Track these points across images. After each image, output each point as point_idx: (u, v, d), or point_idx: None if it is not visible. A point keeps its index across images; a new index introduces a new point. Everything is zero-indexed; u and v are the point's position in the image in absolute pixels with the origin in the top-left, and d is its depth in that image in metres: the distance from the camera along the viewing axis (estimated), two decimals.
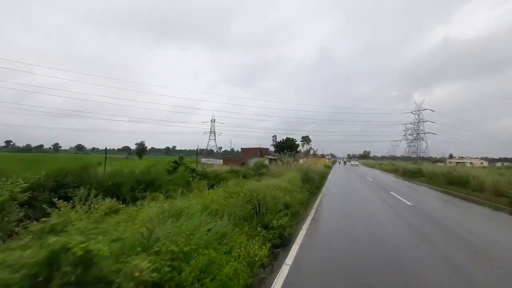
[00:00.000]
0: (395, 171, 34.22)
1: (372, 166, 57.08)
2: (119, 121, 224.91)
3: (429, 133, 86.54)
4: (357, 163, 73.67)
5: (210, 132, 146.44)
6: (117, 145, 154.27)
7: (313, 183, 14.66)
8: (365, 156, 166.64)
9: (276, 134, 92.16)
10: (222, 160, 67.98)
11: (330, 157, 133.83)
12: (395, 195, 13.45)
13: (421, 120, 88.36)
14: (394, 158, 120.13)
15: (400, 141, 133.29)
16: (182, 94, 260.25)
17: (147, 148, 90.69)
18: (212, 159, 73.06)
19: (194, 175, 13.74)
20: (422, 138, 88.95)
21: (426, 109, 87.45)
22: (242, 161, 63.38)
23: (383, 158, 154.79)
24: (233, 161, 63.79)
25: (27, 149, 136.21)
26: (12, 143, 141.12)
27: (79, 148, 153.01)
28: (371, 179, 22.74)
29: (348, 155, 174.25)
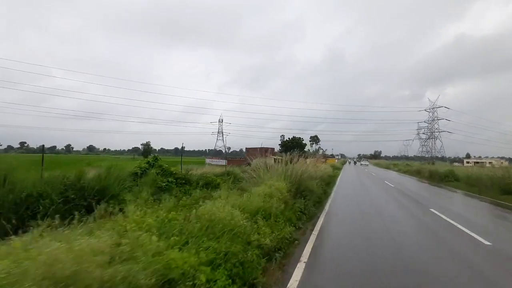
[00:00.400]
0: (417, 174, 28.55)
1: (387, 167, 50.94)
2: (131, 121, 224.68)
3: (444, 131, 79.45)
4: (366, 163, 68.47)
5: (218, 132, 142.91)
6: (127, 146, 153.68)
7: (311, 196, 9.73)
8: (376, 156, 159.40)
9: (284, 134, 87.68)
10: (226, 161, 63.72)
11: (339, 157, 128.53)
12: (451, 222, 7.49)
13: (435, 118, 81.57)
14: (406, 158, 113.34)
15: (413, 140, 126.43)
16: (192, 96, 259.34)
17: (155, 149, 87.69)
18: (216, 160, 68.58)
19: (170, 180, 11.42)
20: (437, 137, 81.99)
21: (441, 107, 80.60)
22: (246, 161, 59.45)
23: (394, 158, 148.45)
24: (237, 161, 60.18)
25: (40, 150, 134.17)
26: (26, 144, 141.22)
27: (91, 149, 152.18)
28: (391, 185, 17.41)
29: (359, 155, 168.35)
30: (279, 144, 55.16)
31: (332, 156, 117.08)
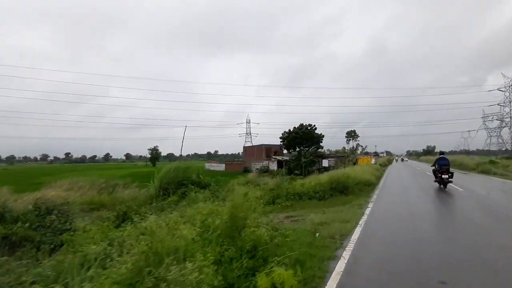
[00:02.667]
0: None
1: (474, 168, 24.32)
2: (176, 129, 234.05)
3: None
4: (406, 159, 56.64)
5: (246, 133, 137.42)
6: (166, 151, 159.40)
7: None
8: (429, 152, 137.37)
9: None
10: (224, 165, 56.89)
11: (384, 154, 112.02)
12: None
13: None
14: (467, 152, 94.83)
15: (477, 131, 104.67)
16: (232, 101, 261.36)
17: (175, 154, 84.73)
18: (214, 164, 62.21)
19: None
20: None
21: None
22: (245, 164, 51.12)
23: (452, 153, 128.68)
24: (236, 165, 50.71)
25: (82, 159, 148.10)
26: (70, 155, 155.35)
27: (128, 157, 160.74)
28: None
29: (408, 151, 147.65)
30: (280, 138, 41.85)
31: (375, 154, 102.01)
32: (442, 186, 12.16)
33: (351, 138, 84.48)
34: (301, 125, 38.22)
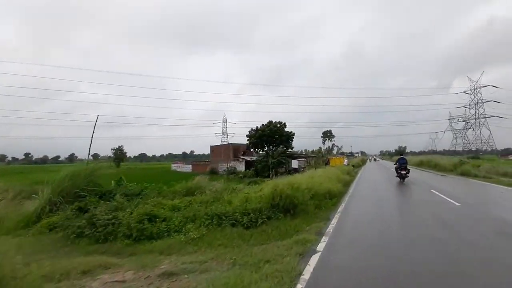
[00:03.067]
0: None
1: (418, 165, 32.98)
2: (150, 128, 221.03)
3: (493, 116, 62.21)
4: (379, 158, 55.77)
5: (222, 133, 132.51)
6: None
7: None
8: (401, 152, 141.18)
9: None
10: (191, 166, 52.46)
11: (359, 154, 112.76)
12: None
13: (480, 101, 64.35)
14: (434, 152, 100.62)
15: (444, 132, 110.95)
16: (210, 99, 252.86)
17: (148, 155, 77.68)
18: (181, 164, 57.53)
19: None
20: (484, 124, 64.71)
21: (487, 86, 63.29)
22: (211, 165, 46.89)
23: (421, 153, 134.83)
24: (202, 166, 45.76)
25: (43, 160, 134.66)
26: (30, 155, 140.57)
27: (95, 157, 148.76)
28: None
29: (381, 151, 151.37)
30: (246, 135, 36.95)
31: (350, 154, 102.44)
32: (401, 180, 14.99)
33: (327, 138, 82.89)
34: (270, 122, 34.39)
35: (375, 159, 78.19)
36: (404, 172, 14.74)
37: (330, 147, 79.60)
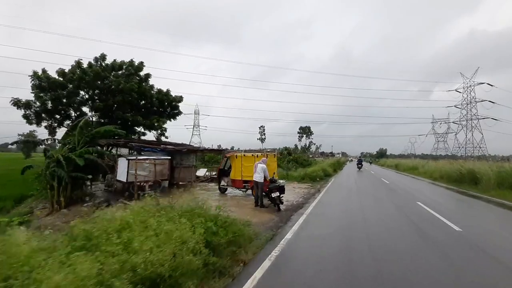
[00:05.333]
0: None
1: (411, 169, 28.12)
2: None
3: (488, 118, 55.23)
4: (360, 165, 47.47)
5: (194, 126, 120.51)
6: None
7: None
8: (382, 154, 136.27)
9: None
10: None
11: (340, 155, 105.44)
12: None
13: (473, 100, 57.36)
14: (414, 156, 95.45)
15: (426, 135, 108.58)
16: (196, 93, 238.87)
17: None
18: None
19: None
20: (476, 127, 57.81)
21: (482, 83, 56.28)
22: None
23: (400, 156, 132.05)
24: None
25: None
26: None
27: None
28: None
29: (362, 153, 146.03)
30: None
31: (331, 154, 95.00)
32: (358, 169, 31.57)
33: (304, 135, 73.84)
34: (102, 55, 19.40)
35: (358, 163, 64.74)
36: (361, 165, 33.95)
37: (307, 145, 70.93)
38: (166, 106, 21.46)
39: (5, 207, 12.25)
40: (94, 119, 18.41)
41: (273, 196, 8.43)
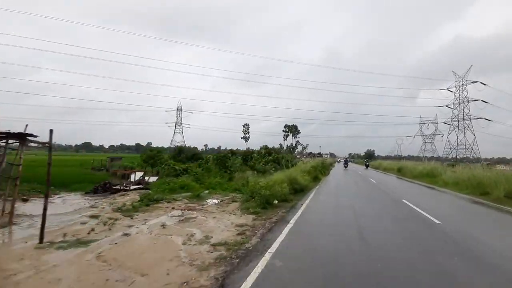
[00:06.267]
0: None
1: (417, 177, 22.08)
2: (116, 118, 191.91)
3: (481, 118, 52.54)
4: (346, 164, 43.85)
5: (176, 124, 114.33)
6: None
7: None
8: (370, 155, 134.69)
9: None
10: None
11: (328, 156, 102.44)
12: None
13: (465, 100, 54.58)
14: (400, 157, 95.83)
15: (414, 137, 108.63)
16: (186, 93, 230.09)
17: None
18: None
19: None
20: (468, 128, 55.09)
21: (476, 82, 53.54)
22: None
23: (387, 157, 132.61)
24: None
25: None
26: None
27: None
28: None
29: (350, 154, 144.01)
30: None
31: (319, 154, 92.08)
32: (345, 167, 39.43)
33: (290, 134, 69.40)
34: None
35: (345, 163, 60.59)
36: (346, 165, 40.55)
37: (294, 144, 66.62)
38: None
39: None
40: None
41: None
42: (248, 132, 68.22)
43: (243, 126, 69.83)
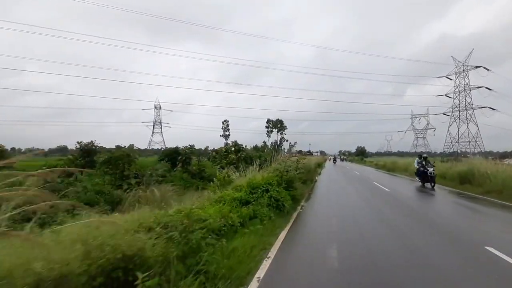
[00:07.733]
0: None
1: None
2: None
3: (485, 107, 46.72)
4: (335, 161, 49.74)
5: (154, 123, 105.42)
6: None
7: None
8: (361, 152, 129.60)
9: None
10: None
11: (318, 154, 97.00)
12: None
13: (467, 87, 48.63)
14: (389, 154, 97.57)
15: (405, 132, 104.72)
16: (175, 92, 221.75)
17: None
18: None
19: None
20: (470, 118, 49.27)
21: (479, 67, 47.58)
22: None
23: (377, 154, 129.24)
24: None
25: None
26: None
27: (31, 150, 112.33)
28: None
29: (340, 151, 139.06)
30: None
31: (309, 152, 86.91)
32: (334, 163, 45.74)
33: (274, 129, 62.13)
34: None
35: (334, 160, 52.84)
36: (335, 161, 48.84)
37: (279, 142, 59.50)
38: None
39: None
40: None
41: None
42: (228, 130, 60.99)
43: (223, 122, 62.48)
